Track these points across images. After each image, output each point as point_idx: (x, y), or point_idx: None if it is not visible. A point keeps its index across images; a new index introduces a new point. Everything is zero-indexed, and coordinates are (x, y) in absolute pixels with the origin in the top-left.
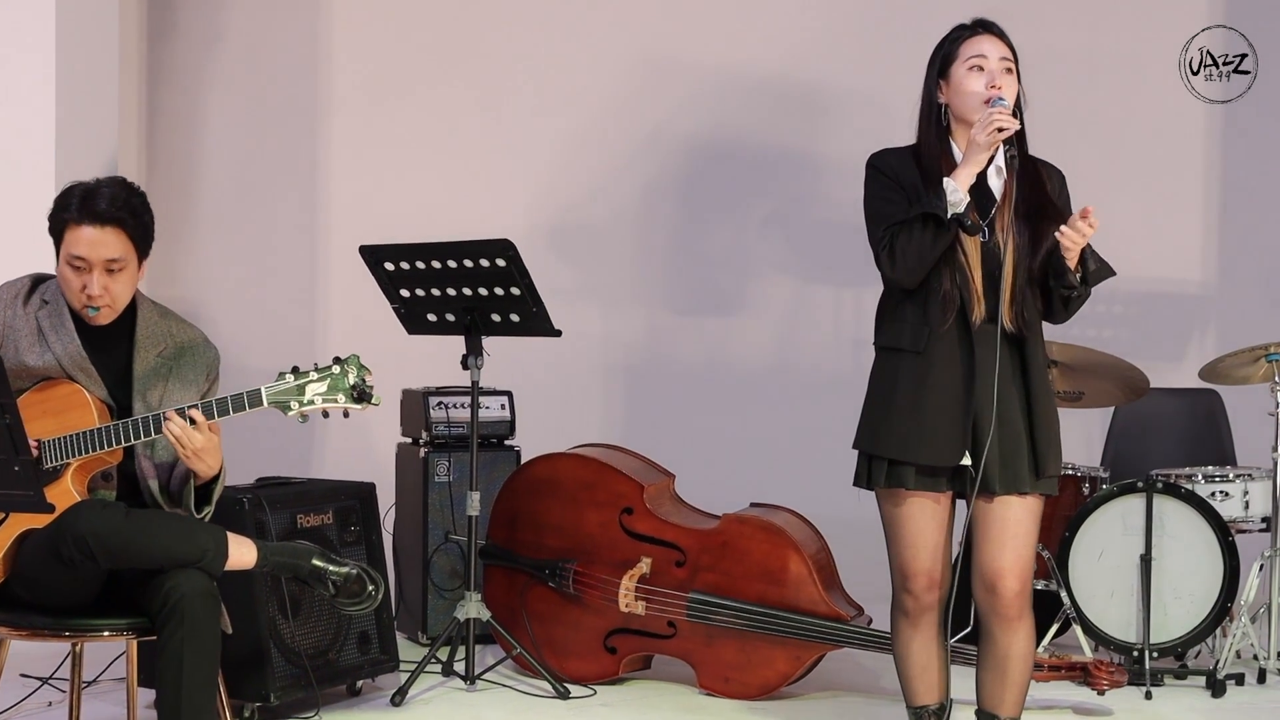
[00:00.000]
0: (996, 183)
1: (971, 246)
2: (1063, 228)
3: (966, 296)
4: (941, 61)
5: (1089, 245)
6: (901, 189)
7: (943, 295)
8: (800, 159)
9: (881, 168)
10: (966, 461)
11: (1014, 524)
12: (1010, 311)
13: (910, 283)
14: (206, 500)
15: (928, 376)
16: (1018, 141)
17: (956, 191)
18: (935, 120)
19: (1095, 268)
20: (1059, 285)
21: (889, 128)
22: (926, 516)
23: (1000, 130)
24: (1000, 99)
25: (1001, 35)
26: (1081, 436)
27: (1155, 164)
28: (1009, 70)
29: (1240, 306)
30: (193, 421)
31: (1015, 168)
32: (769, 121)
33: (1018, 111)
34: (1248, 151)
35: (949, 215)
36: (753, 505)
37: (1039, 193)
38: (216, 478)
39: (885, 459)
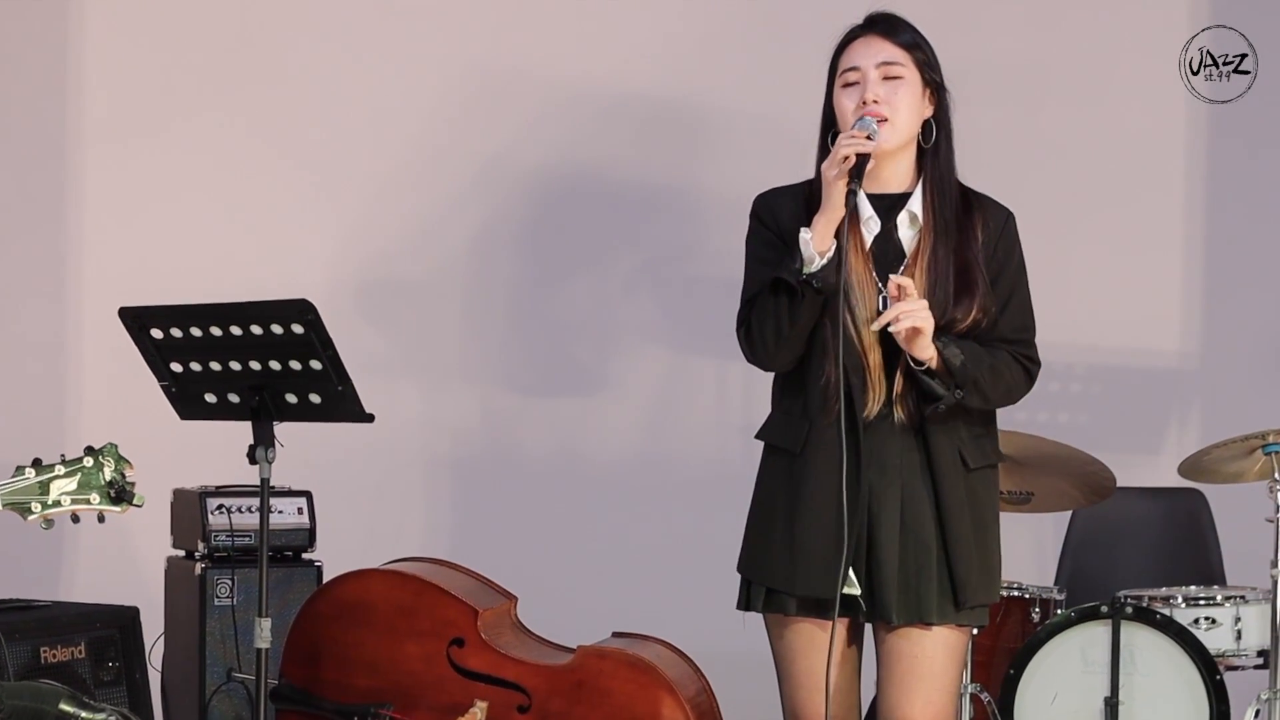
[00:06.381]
0: (908, 234)
1: (865, 317)
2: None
3: (857, 383)
4: (829, 76)
5: (936, 334)
6: (782, 242)
7: (824, 382)
8: (676, 198)
9: (762, 215)
10: (854, 590)
11: (924, 662)
12: (902, 401)
13: (776, 365)
14: None
15: (805, 483)
16: (932, 181)
17: (809, 245)
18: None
19: (959, 360)
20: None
21: (787, 159)
22: (816, 650)
23: (846, 159)
24: (862, 119)
25: (889, 31)
26: (1031, 548)
27: (1124, 204)
28: (893, 77)
29: (1230, 385)
30: None
31: (930, 215)
32: (636, 151)
33: (932, 126)
34: (1241, 179)
35: (801, 277)
36: (615, 635)
37: (962, 250)
38: None
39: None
